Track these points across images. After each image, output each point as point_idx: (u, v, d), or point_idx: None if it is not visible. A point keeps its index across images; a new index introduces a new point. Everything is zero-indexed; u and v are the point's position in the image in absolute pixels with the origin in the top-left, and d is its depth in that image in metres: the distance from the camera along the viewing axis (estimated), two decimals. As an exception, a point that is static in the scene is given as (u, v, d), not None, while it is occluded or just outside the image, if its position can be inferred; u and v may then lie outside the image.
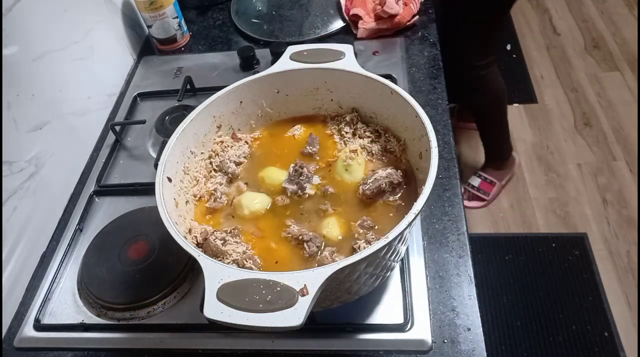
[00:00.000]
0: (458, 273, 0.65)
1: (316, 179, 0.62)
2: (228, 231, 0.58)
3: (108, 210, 0.80)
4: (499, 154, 1.68)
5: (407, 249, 0.66)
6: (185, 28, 1.09)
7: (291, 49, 0.69)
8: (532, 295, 1.46)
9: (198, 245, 0.56)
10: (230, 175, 0.65)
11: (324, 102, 0.70)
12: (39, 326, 0.67)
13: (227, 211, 0.62)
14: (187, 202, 0.61)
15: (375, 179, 0.59)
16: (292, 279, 0.43)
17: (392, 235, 0.46)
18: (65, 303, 0.69)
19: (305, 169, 0.61)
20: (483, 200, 1.69)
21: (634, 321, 1.39)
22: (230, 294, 0.43)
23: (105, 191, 0.82)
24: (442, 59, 0.95)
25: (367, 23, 0.98)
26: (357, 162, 0.63)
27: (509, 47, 2.22)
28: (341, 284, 0.52)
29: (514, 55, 2.19)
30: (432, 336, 0.60)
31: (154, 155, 0.86)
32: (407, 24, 0.99)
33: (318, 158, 0.65)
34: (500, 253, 1.56)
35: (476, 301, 0.63)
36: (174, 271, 0.68)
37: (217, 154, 0.67)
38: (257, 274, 0.45)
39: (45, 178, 0.77)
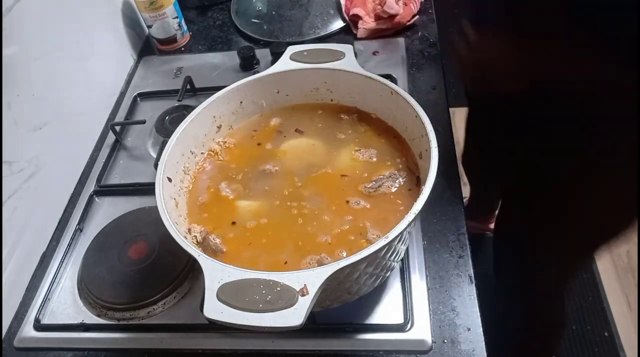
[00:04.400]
0: (458, 273, 0.65)
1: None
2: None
3: (108, 210, 0.79)
4: None
5: (407, 249, 0.66)
6: (185, 28, 1.09)
7: (291, 49, 0.69)
8: (532, 295, 1.46)
9: (198, 244, 0.56)
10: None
11: (324, 102, 0.70)
12: (39, 326, 0.67)
13: (226, 213, 0.61)
14: (187, 202, 0.61)
15: (378, 178, 0.59)
16: (292, 279, 0.43)
17: (392, 235, 0.46)
18: (65, 303, 0.69)
19: None
20: None
21: (634, 321, 1.39)
22: (230, 294, 0.43)
23: (105, 190, 0.82)
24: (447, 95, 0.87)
25: (367, 23, 0.98)
26: (358, 161, 0.63)
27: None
28: (341, 284, 0.52)
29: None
30: (432, 336, 0.60)
31: (154, 155, 0.86)
32: (407, 24, 0.99)
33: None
34: (500, 253, 1.56)
35: (476, 301, 0.63)
36: (174, 271, 0.68)
37: (217, 153, 0.67)
38: (257, 274, 0.45)
39: (45, 178, 0.77)
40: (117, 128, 0.89)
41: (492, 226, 1.52)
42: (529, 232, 0.86)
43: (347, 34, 1.03)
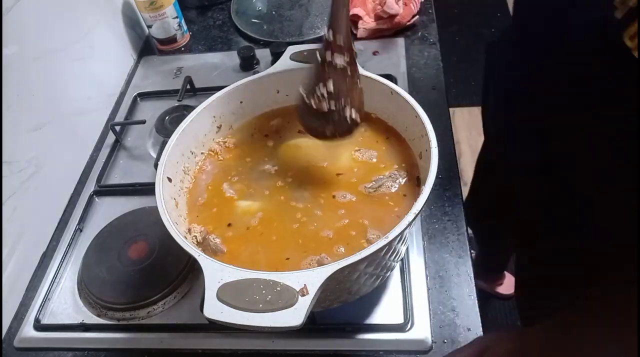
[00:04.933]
0: (458, 273, 0.65)
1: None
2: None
3: (108, 210, 0.79)
4: None
5: (407, 249, 0.66)
6: (185, 28, 1.09)
7: (291, 49, 0.69)
8: (532, 295, 1.45)
9: (198, 244, 0.56)
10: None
11: (324, 102, 0.70)
12: (39, 326, 0.67)
13: (226, 212, 0.61)
14: (187, 202, 0.61)
15: (378, 178, 0.59)
16: (292, 279, 0.43)
17: (392, 235, 0.46)
18: (65, 303, 0.69)
19: None
20: None
21: (634, 321, 1.38)
22: (230, 294, 0.43)
23: (105, 191, 0.82)
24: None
25: (367, 23, 0.98)
26: (357, 161, 0.63)
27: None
28: (341, 284, 0.52)
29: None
30: (432, 336, 0.60)
31: (154, 155, 0.86)
32: (407, 24, 0.99)
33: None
34: (500, 253, 1.56)
35: (476, 301, 0.63)
36: (174, 271, 0.68)
37: (217, 153, 0.67)
38: (257, 273, 0.45)
39: (45, 178, 0.77)
40: (117, 128, 0.89)
41: (500, 287, 1.45)
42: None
43: (347, 34, 1.03)
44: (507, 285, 1.45)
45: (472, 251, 0.68)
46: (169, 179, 0.58)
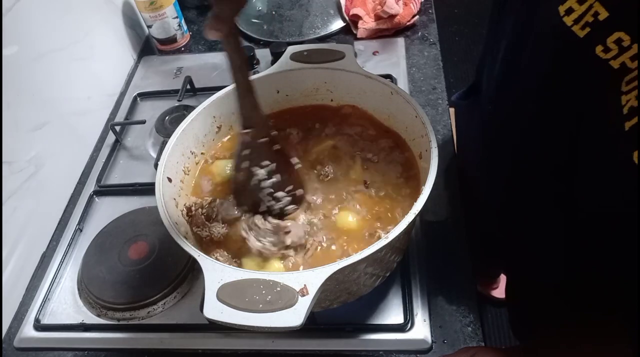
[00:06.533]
0: (458, 273, 0.65)
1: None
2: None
3: (108, 210, 0.79)
4: None
5: (407, 249, 0.66)
6: (185, 28, 1.09)
7: (291, 49, 0.69)
8: (532, 295, 1.44)
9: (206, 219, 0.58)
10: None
11: (324, 102, 0.70)
12: (39, 326, 0.67)
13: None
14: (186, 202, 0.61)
15: (378, 178, 0.59)
16: (292, 279, 0.43)
17: (392, 235, 0.46)
18: (65, 303, 0.69)
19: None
20: None
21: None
22: (230, 294, 0.43)
23: (105, 191, 0.82)
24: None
25: (367, 23, 0.98)
26: (357, 162, 0.63)
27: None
28: (341, 284, 0.52)
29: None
30: (432, 336, 0.60)
31: (154, 155, 0.86)
32: (407, 24, 0.99)
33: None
34: (500, 253, 1.55)
35: (476, 301, 0.63)
36: (174, 271, 0.68)
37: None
38: (257, 274, 0.45)
39: (45, 178, 0.77)
40: (117, 128, 0.89)
41: (495, 290, 1.44)
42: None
43: (347, 34, 1.03)
44: (503, 289, 1.44)
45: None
46: (169, 179, 0.58)
